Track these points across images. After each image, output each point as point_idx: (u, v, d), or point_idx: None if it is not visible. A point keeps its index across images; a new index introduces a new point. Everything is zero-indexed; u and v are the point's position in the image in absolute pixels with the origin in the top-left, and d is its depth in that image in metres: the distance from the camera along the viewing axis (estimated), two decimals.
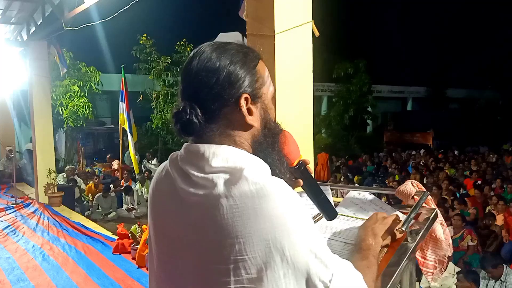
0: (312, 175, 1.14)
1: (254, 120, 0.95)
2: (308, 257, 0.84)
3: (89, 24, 7.01)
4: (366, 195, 1.40)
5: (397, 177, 11.16)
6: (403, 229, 1.10)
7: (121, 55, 14.91)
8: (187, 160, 0.93)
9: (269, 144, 0.99)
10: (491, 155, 14.98)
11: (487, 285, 4.87)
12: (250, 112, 0.94)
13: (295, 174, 1.07)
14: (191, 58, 0.95)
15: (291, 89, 2.60)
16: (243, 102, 0.93)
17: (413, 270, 1.16)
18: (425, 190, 1.28)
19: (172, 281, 0.95)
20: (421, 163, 13.84)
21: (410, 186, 1.30)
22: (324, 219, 1.40)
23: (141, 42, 14.80)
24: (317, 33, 2.62)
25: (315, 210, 1.46)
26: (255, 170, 0.88)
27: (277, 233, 0.82)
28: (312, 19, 2.62)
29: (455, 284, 4.47)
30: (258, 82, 0.96)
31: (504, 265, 4.92)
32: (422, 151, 16.96)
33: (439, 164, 13.49)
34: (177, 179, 0.93)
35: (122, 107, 9.37)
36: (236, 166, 0.87)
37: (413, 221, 1.24)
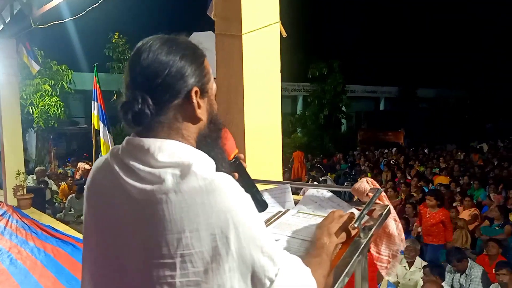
0: (246, 168, 1.21)
1: (203, 113, 0.98)
2: (254, 252, 0.86)
3: (58, 22, 6.87)
4: (324, 193, 1.44)
5: (369, 175, 11.38)
6: (356, 225, 1.15)
7: (94, 53, 14.65)
8: (131, 154, 0.93)
9: (213, 138, 1.02)
10: (459, 153, 15.48)
11: (452, 279, 5.04)
12: (198, 105, 0.97)
13: (231, 168, 1.11)
14: (140, 49, 0.96)
15: (259, 89, 2.62)
16: (193, 94, 0.95)
17: (366, 265, 1.21)
18: (379, 187, 1.33)
19: (114, 278, 0.93)
20: (391, 161, 14.15)
21: (365, 184, 1.35)
22: (284, 216, 1.44)
23: (113, 40, 14.57)
24: (284, 34, 2.66)
25: (276, 208, 1.50)
26: (203, 165, 0.90)
27: (223, 227, 0.84)
28: (280, 20, 2.66)
29: (421, 278, 4.60)
30: (206, 78, 1.00)
31: (469, 259, 5.10)
32: (394, 149, 17.34)
33: (409, 161, 13.84)
34: (121, 174, 0.92)
35: (95, 106, 9.20)
36: (183, 162, 0.89)
37: (367, 217, 1.29)
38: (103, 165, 1.00)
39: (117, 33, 14.95)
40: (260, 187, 1.72)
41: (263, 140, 2.67)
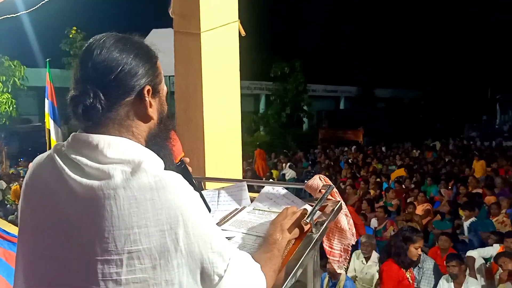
0: (191, 172, 1.24)
1: (154, 113, 0.99)
2: (203, 248, 0.87)
3: (11, 16, 6.56)
4: (279, 190, 1.48)
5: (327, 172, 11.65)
6: (307, 221, 1.18)
7: (49, 48, 14.11)
8: (77, 150, 0.92)
9: (163, 138, 1.03)
10: (414, 151, 16.12)
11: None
12: (150, 104, 0.97)
13: (177, 171, 1.12)
14: (92, 45, 0.95)
15: (218, 87, 2.63)
16: (146, 93, 0.95)
17: (318, 260, 1.25)
18: (331, 184, 1.37)
19: (53, 276, 0.90)
20: (349, 160, 14.54)
21: (318, 180, 1.39)
22: (240, 213, 1.46)
23: (70, 35, 14.09)
24: (243, 33, 2.68)
25: (232, 206, 1.52)
26: (153, 164, 0.90)
27: (173, 224, 0.85)
28: (239, 19, 2.67)
29: (377, 272, 4.76)
30: (158, 78, 1.01)
31: (422, 253, 5.32)
32: (353, 147, 17.81)
33: (367, 159, 14.26)
34: (65, 170, 0.90)
35: (47, 104, 8.84)
36: (134, 159, 0.89)
37: (319, 213, 1.33)
38: (45, 161, 0.97)
39: (74, 28, 14.47)
40: (217, 185, 1.74)
41: (223, 138, 2.68)
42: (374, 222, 7.07)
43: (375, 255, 5.29)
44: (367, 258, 5.31)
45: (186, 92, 2.68)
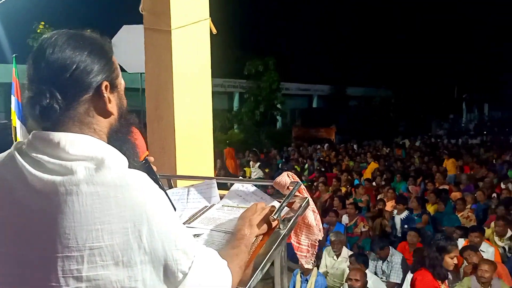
0: (155, 171, 1.23)
1: (113, 108, 0.98)
2: (167, 245, 0.87)
3: None
4: (249, 187, 1.49)
5: (298, 169, 11.79)
6: (275, 217, 1.20)
7: (17, 44, 13.64)
8: (38, 148, 0.90)
9: (125, 133, 1.03)
10: (384, 148, 16.49)
11: (376, 266, 5.38)
12: (109, 100, 0.97)
13: (141, 169, 1.11)
14: (44, 44, 0.94)
15: (189, 85, 2.62)
16: (103, 89, 0.95)
17: (285, 255, 1.27)
18: (299, 181, 1.40)
19: (12, 274, 0.88)
20: (321, 158, 14.73)
21: (286, 177, 1.41)
22: (210, 211, 1.46)
23: (38, 30, 13.66)
24: (214, 31, 2.68)
25: (202, 203, 1.52)
26: (117, 161, 0.90)
27: (136, 221, 0.85)
28: (210, 16, 2.67)
29: (348, 267, 4.86)
30: (115, 73, 1.00)
31: (390, 247, 5.48)
32: (326, 145, 18.05)
33: (339, 157, 14.49)
34: (26, 167, 0.89)
35: (13, 101, 8.55)
36: (97, 156, 0.88)
37: (287, 209, 1.35)
38: (5, 159, 0.95)
39: (42, 23, 14.02)
40: (188, 183, 1.74)
41: (194, 136, 2.68)
42: (345, 219, 7.20)
43: (345, 251, 5.39)
44: (338, 255, 5.41)
45: (156, 90, 2.65)
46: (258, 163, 11.15)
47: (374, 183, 9.99)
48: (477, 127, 31.25)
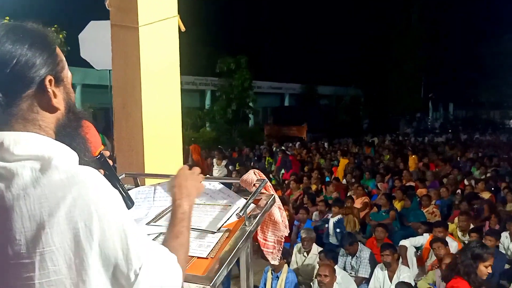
0: (111, 166, 1.19)
1: (59, 102, 0.94)
2: (119, 245, 0.84)
3: None
4: (216, 184, 1.50)
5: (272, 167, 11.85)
6: (241, 214, 1.21)
7: None
8: None
9: (74, 128, 0.99)
10: (354, 146, 16.80)
11: (345, 262, 5.49)
12: (54, 95, 0.93)
13: (96, 164, 1.09)
14: None
15: (157, 82, 2.59)
16: (47, 83, 0.91)
17: (251, 252, 1.29)
18: (265, 178, 1.41)
19: None
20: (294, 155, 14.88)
21: (252, 175, 1.42)
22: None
23: None
24: (183, 28, 2.66)
25: (168, 202, 1.51)
26: (65, 159, 0.87)
27: (87, 220, 0.82)
28: (180, 14, 2.65)
29: (317, 263, 4.94)
30: (60, 66, 0.96)
31: (359, 243, 5.60)
32: (297, 143, 18.22)
33: (311, 155, 14.67)
34: None
35: None
36: (43, 155, 0.85)
37: (254, 206, 1.36)
38: None
39: (7, 18, 13.51)
40: (155, 181, 1.73)
41: (163, 134, 2.65)
42: (315, 216, 7.30)
43: (315, 248, 5.47)
44: (308, 252, 5.49)
45: (124, 87, 2.61)
46: (225, 162, 11.03)
47: (344, 181, 10.19)
48: (442, 125, 32.35)
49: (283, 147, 16.16)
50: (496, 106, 37.13)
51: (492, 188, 8.50)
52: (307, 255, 5.48)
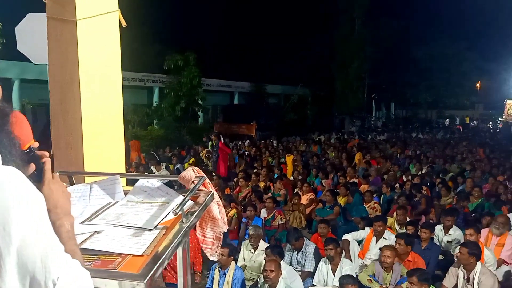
0: (43, 160, 1.12)
1: None
2: (37, 254, 0.81)
3: None
4: (154, 182, 1.49)
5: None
6: (177, 211, 1.22)
7: None
8: None
9: None
10: (302, 144, 17.18)
11: (291, 257, 5.62)
12: None
13: (26, 159, 1.05)
14: None
15: (97, 78, 2.52)
16: None
17: (187, 248, 1.29)
18: (204, 175, 1.42)
19: None
20: (246, 153, 14.97)
21: (191, 172, 1.43)
22: (113, 207, 1.44)
23: None
24: (124, 23, 2.60)
25: (105, 200, 1.49)
26: None
27: (6, 226, 0.78)
28: (119, 8, 2.59)
29: (264, 259, 5.01)
30: None
31: (304, 238, 5.75)
32: (247, 141, 18.33)
33: (259, 153, 14.82)
34: None
35: None
36: None
37: (192, 203, 1.37)
38: None
39: None
40: (92, 178, 1.68)
41: (103, 131, 2.58)
42: (263, 213, 7.39)
43: (262, 244, 5.55)
44: (255, 248, 5.56)
45: (61, 83, 2.52)
46: (164, 165, 10.77)
47: (291, 177, 10.40)
48: (384, 124, 33.89)
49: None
50: (433, 106, 39.47)
51: (428, 184, 9.05)
52: (255, 251, 5.55)
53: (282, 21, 32.94)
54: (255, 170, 10.98)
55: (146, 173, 9.26)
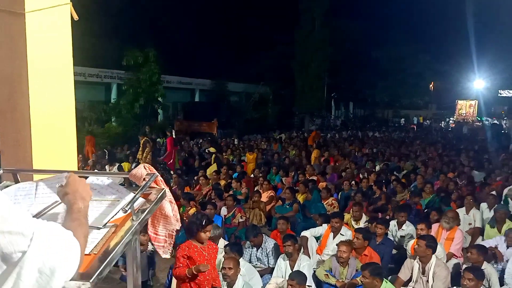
0: None
1: None
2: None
3: None
4: (104, 180, 1.46)
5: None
6: (127, 209, 1.20)
7: None
8: None
9: None
10: (263, 142, 17.30)
11: (250, 254, 5.65)
12: None
13: None
14: None
15: (47, 73, 2.43)
16: None
17: (137, 246, 1.28)
18: (155, 172, 1.41)
19: None
20: (206, 150, 14.88)
21: (142, 169, 1.42)
22: (59, 206, 1.40)
23: None
24: (75, 17, 2.52)
25: (52, 199, 1.44)
26: None
27: None
28: (71, 1, 2.51)
29: (223, 257, 5.01)
30: None
31: (264, 234, 5.79)
32: (208, 139, 18.23)
33: (221, 150, 14.78)
34: None
35: None
36: None
37: (143, 201, 1.36)
38: None
39: None
40: (40, 176, 1.63)
41: (54, 127, 2.50)
42: (224, 211, 7.39)
43: (221, 242, 5.53)
44: None
45: (9, 78, 2.41)
46: (117, 164, 10.55)
47: (252, 175, 10.45)
48: (343, 123, 34.74)
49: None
50: (389, 105, 40.87)
51: (383, 181, 9.36)
52: None
53: (244, 19, 32.99)
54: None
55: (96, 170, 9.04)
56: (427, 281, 4.66)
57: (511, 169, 10.45)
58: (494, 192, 7.37)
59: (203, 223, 3.83)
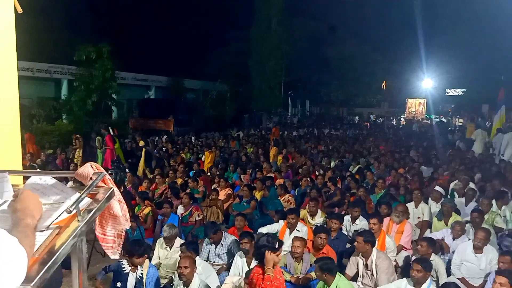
0: None
1: None
2: None
3: None
4: (47, 180, 1.39)
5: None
6: (71, 209, 1.16)
7: None
8: None
9: None
10: (221, 140, 17.23)
11: (209, 251, 5.62)
12: None
13: None
14: None
15: None
16: None
17: (83, 247, 1.24)
18: (103, 171, 1.37)
19: None
20: (163, 149, 14.63)
21: (89, 168, 1.37)
22: (4, 205, 1.32)
23: None
24: (19, 10, 2.39)
25: None
26: None
27: None
28: None
29: (179, 256, 4.95)
30: None
31: (223, 231, 5.77)
32: (164, 137, 17.91)
33: (178, 148, 14.60)
34: None
35: None
36: None
37: (90, 200, 1.31)
38: None
39: None
40: None
41: None
42: (180, 209, 7.30)
43: (178, 241, 5.46)
44: (171, 246, 5.46)
45: None
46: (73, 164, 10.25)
47: (209, 173, 10.38)
48: (300, 121, 35.27)
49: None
50: (344, 103, 41.91)
51: (338, 177, 9.60)
52: (170, 249, 5.46)
53: (200, 15, 32.69)
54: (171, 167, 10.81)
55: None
56: (372, 274, 4.83)
57: (458, 165, 11.02)
58: (438, 188, 7.72)
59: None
